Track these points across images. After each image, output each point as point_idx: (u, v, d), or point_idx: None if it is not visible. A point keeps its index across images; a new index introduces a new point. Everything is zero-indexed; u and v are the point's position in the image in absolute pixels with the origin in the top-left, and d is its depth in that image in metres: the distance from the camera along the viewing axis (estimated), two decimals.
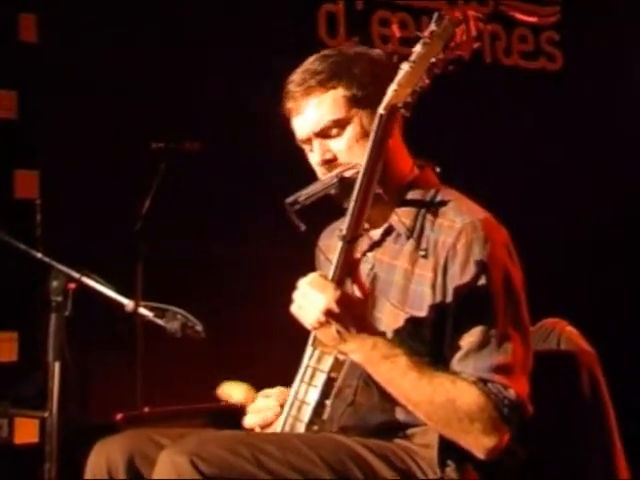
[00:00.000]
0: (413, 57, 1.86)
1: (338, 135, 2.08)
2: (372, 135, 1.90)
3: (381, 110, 1.89)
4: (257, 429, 2.22)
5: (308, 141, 2.13)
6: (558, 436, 2.42)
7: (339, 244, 1.93)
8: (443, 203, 2.09)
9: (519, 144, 5.17)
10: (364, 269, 2.10)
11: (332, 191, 2.06)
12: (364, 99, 2.05)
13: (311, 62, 2.12)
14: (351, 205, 1.91)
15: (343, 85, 2.07)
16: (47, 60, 4.22)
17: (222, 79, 4.52)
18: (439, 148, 4.60)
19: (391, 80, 1.89)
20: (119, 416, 2.85)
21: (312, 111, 2.08)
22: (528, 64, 5.46)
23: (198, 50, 4.50)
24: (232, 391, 2.28)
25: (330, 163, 2.10)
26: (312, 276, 1.94)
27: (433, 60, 1.85)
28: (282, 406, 2.16)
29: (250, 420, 2.23)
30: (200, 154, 3.92)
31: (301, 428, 2.03)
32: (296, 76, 2.11)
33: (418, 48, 1.86)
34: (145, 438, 2.06)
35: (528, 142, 5.18)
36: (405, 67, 1.86)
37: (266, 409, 2.21)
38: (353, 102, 2.06)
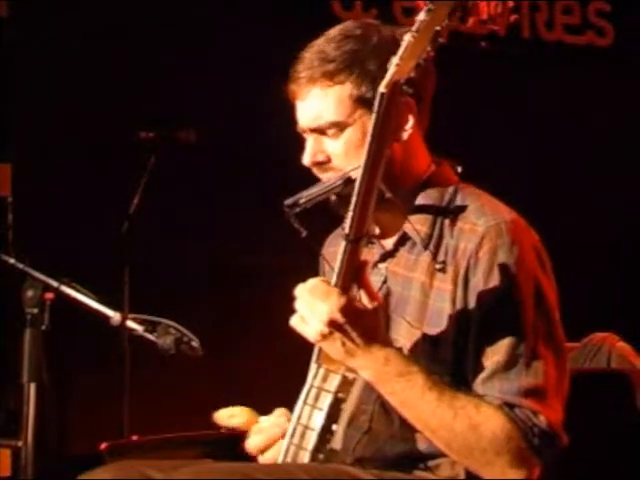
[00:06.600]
0: (416, 26, 1.86)
1: (335, 136, 2.09)
2: (373, 117, 1.90)
3: (382, 88, 1.89)
4: (260, 458, 2.22)
5: (306, 132, 2.14)
6: (608, 467, 2.42)
7: (342, 245, 1.93)
8: (463, 204, 2.08)
9: (563, 129, 5.18)
10: (376, 282, 2.09)
11: (337, 191, 2.06)
12: (373, 100, 2.00)
13: (328, 41, 2.10)
14: (353, 199, 1.91)
15: (352, 81, 2.06)
16: (19, 37, 4.25)
17: (222, 58, 4.53)
18: (471, 135, 4.63)
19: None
20: (103, 445, 2.85)
21: (312, 103, 2.09)
22: (574, 39, 5.47)
23: (194, 23, 4.52)
24: (231, 415, 2.29)
25: (321, 165, 2.11)
26: (312, 282, 1.94)
27: (437, 28, 1.85)
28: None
29: (253, 441, 2.23)
30: (195, 145, 3.93)
31: (305, 457, 2.02)
32: (307, 55, 2.10)
33: (422, 16, 1.86)
34: (134, 471, 2.07)
35: (573, 127, 5.18)
36: (408, 38, 1.87)
37: (270, 427, 2.22)
38: (360, 103, 2.06)
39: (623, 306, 4.86)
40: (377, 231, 2.12)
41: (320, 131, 2.10)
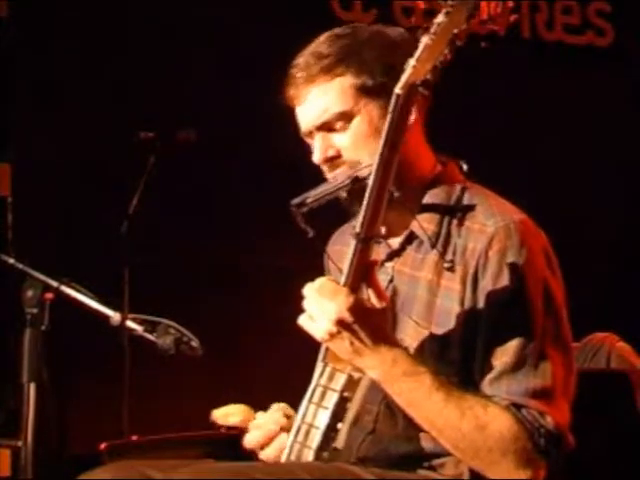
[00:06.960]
0: (434, 29, 1.87)
1: (343, 129, 2.09)
2: (388, 118, 1.91)
3: (398, 90, 1.90)
4: (259, 453, 2.23)
5: (311, 135, 2.13)
6: (608, 467, 2.42)
7: (352, 244, 1.94)
8: (471, 203, 2.09)
9: (562, 130, 5.17)
10: (382, 281, 2.08)
11: (344, 193, 2.06)
12: (376, 88, 2.04)
13: (320, 43, 2.11)
14: (366, 197, 1.91)
15: (351, 72, 2.07)
16: (19, 37, 4.25)
17: (222, 58, 4.53)
18: (471, 134, 4.63)
19: None
20: (103, 445, 2.86)
21: (315, 101, 2.09)
22: (574, 39, 5.46)
23: (194, 23, 4.52)
24: (229, 413, 2.30)
25: (333, 161, 2.10)
26: (321, 281, 1.95)
27: (455, 31, 1.86)
28: (287, 417, 2.18)
29: (250, 438, 2.24)
30: (195, 145, 3.93)
31: (309, 456, 2.02)
32: (301, 59, 2.10)
33: (440, 18, 1.87)
34: (134, 471, 2.07)
35: (573, 127, 5.18)
36: (425, 40, 1.87)
37: (267, 423, 2.22)
38: (363, 92, 2.07)
39: (623, 306, 4.85)
40: (383, 230, 2.11)
41: (327, 127, 2.10)
